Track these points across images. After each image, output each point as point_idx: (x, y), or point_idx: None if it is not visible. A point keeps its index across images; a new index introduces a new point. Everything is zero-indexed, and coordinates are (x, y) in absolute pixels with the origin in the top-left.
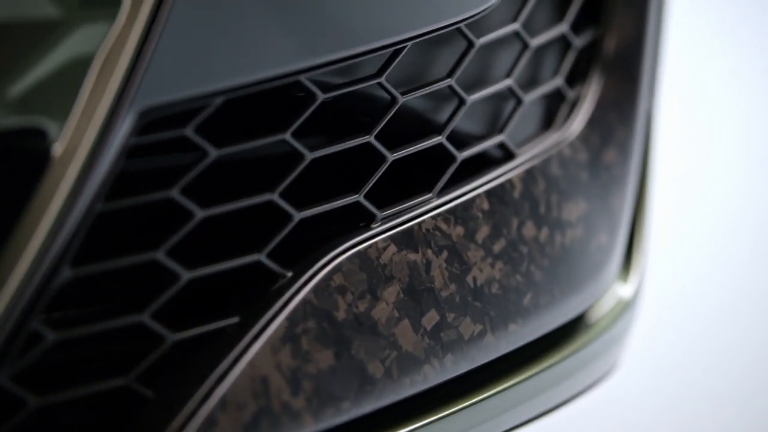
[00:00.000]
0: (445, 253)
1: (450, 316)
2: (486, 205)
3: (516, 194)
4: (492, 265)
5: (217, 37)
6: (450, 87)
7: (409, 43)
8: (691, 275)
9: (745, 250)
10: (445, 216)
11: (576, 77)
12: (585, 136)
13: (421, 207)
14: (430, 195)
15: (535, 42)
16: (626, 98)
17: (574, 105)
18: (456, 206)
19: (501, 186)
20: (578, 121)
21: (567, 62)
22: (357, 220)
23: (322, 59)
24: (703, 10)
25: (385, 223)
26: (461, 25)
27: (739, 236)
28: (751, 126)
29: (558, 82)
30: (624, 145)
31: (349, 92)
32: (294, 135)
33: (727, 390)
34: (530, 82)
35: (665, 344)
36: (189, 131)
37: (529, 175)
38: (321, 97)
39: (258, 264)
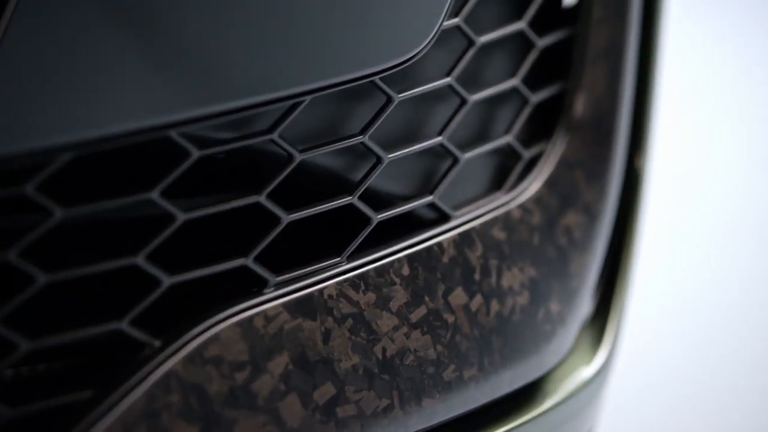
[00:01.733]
0: (349, 322)
1: (349, 390)
2: (406, 270)
3: (445, 259)
4: (407, 335)
5: (60, 83)
6: (363, 144)
7: (309, 97)
8: (691, 281)
9: (746, 251)
10: (353, 281)
11: (536, 134)
12: (541, 197)
13: (327, 271)
14: (338, 259)
15: (476, 96)
16: (597, 158)
17: (531, 164)
18: (368, 271)
19: (427, 250)
20: (535, 182)
21: (521, 119)
22: (247, 285)
23: (196, 113)
24: (703, 11)
25: (280, 288)
26: (376, 78)
27: (739, 240)
28: (751, 132)
29: (507, 139)
30: (590, 208)
31: (241, 147)
32: (171, 193)
33: (727, 397)
34: (477, 138)
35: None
36: (29, 189)
37: (464, 239)
38: (196, 154)
39: (120, 332)
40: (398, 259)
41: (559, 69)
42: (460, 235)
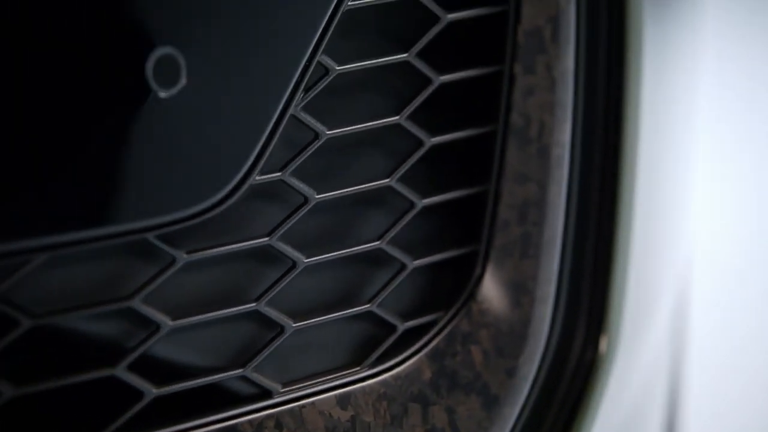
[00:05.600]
0: None
1: None
2: None
3: None
4: None
5: None
6: (132, 308)
7: (42, 254)
8: None
9: None
10: None
11: (427, 303)
12: (416, 373)
13: None
14: None
15: (309, 260)
16: (504, 335)
17: (414, 335)
18: None
19: (229, 429)
20: (414, 357)
21: (390, 286)
22: None
23: None
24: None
25: None
26: (150, 236)
27: None
28: None
29: (367, 308)
30: (487, 391)
31: None
32: None
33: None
34: (335, 304)
35: None
36: None
37: (288, 417)
38: None
39: None
40: None
41: (463, 231)
42: (283, 412)
